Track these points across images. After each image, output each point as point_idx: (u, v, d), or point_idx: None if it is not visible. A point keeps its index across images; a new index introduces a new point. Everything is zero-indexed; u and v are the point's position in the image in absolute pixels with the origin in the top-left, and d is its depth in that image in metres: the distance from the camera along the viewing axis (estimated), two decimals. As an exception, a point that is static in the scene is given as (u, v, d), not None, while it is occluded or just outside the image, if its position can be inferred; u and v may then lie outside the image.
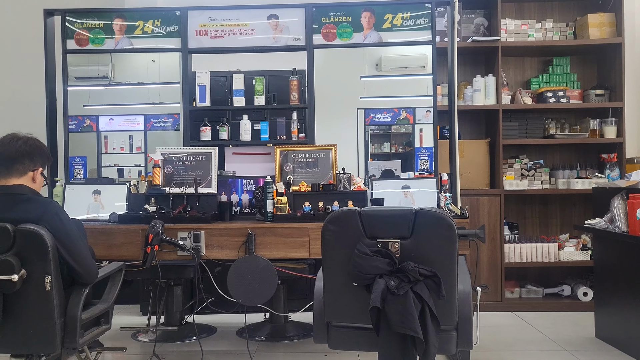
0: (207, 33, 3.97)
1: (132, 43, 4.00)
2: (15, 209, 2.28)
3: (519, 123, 4.78)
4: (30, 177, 2.41)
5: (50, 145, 3.88)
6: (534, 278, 4.88)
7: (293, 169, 3.69)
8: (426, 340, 2.10)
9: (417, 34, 3.90)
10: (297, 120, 3.95)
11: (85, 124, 4.33)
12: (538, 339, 3.85)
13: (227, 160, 4.05)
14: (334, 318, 2.36)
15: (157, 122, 4.44)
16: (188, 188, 3.54)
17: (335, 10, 3.91)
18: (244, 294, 3.13)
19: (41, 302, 2.23)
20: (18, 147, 2.38)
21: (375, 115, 4.44)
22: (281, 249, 3.22)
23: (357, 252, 2.18)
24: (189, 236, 3.21)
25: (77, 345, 2.36)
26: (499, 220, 4.55)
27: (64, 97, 4.04)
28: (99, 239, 3.21)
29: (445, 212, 2.32)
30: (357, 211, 2.24)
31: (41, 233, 2.19)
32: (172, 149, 3.72)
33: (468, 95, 4.76)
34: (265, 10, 3.95)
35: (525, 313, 4.49)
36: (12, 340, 2.29)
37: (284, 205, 3.37)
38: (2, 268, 2.15)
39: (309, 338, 3.75)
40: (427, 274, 2.13)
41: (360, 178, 3.65)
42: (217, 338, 3.92)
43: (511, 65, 5.02)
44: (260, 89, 3.95)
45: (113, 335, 3.82)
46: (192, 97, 3.96)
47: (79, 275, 2.37)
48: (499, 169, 4.65)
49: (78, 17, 4.01)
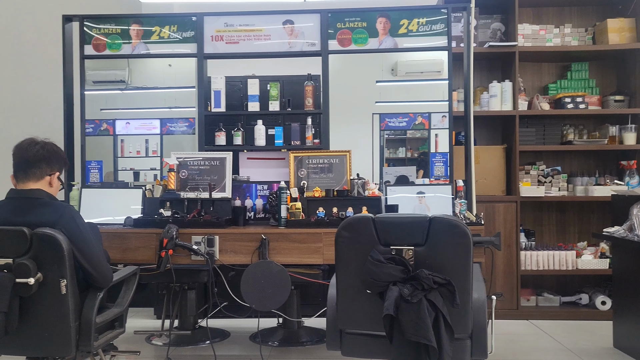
0: (222, 38, 3.99)
1: (148, 48, 4.03)
2: (32, 213, 2.30)
3: (536, 129, 4.73)
4: (47, 182, 2.44)
5: (67, 148, 3.93)
6: (550, 286, 4.83)
7: (307, 174, 3.69)
8: (440, 348, 2.08)
9: (433, 40, 3.89)
10: (312, 126, 3.95)
11: (102, 128, 4.37)
12: (555, 348, 3.80)
13: (242, 165, 4.06)
14: (347, 325, 2.35)
15: (172, 126, 4.47)
16: (202, 193, 3.55)
17: (350, 15, 3.90)
18: (257, 299, 3.13)
19: (57, 305, 2.25)
20: (36, 152, 2.41)
21: (390, 120, 4.42)
22: (295, 255, 3.22)
23: (371, 259, 2.16)
24: (203, 241, 3.22)
25: (92, 348, 2.38)
26: (515, 227, 4.51)
27: (81, 101, 4.08)
28: (114, 242, 3.23)
29: (459, 220, 2.30)
30: (371, 218, 2.23)
31: (57, 237, 2.21)
32: (187, 154, 3.74)
33: (484, 100, 4.72)
34: (281, 16, 3.96)
35: (541, 321, 4.44)
36: (28, 343, 2.32)
37: (298, 210, 3.37)
38: (19, 271, 2.18)
39: (322, 344, 3.73)
40: (441, 281, 2.11)
41: (375, 184, 3.64)
42: (230, 342, 3.92)
43: (528, 71, 4.98)
44: (275, 94, 3.95)
45: (127, 339, 3.85)
46: (207, 102, 3.98)
47: (94, 279, 2.39)
48: (515, 176, 4.61)
49: (96, 23, 4.05)
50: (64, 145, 3.91)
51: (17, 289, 2.18)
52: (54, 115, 4.25)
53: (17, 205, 2.34)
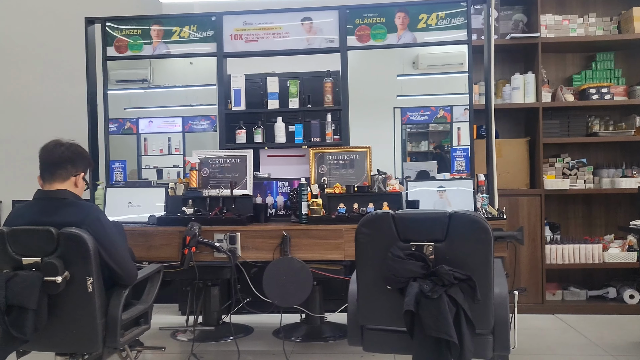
0: (241, 37, 4.01)
1: (169, 48, 4.08)
2: (59, 213, 2.36)
3: (560, 121, 4.66)
4: (73, 182, 2.49)
5: (91, 148, 4.00)
6: (577, 280, 4.76)
7: (328, 170, 3.70)
8: (461, 344, 2.07)
9: (453, 33, 3.86)
10: (332, 122, 3.95)
11: (126, 127, 4.43)
12: (581, 342, 3.76)
13: (262, 162, 4.09)
14: (368, 321, 2.36)
15: (194, 123, 4.51)
16: (224, 190, 3.58)
17: (368, 11, 3.89)
18: (280, 295, 3.15)
19: (84, 302, 2.30)
20: (61, 153, 2.46)
21: (412, 114, 4.40)
22: (316, 251, 3.23)
23: (391, 255, 2.17)
24: (225, 238, 3.25)
25: (118, 344, 2.42)
26: (539, 221, 4.46)
27: (105, 101, 4.15)
28: (138, 240, 3.28)
29: (480, 215, 2.28)
30: (391, 214, 2.23)
31: (83, 236, 2.26)
32: (209, 152, 3.78)
33: (507, 93, 4.67)
34: (299, 13, 3.97)
35: (567, 316, 4.39)
36: (57, 339, 2.38)
37: (319, 207, 3.38)
38: (47, 270, 2.23)
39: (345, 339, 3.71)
40: (462, 277, 2.10)
41: (396, 179, 3.63)
42: (253, 338, 3.96)
43: (552, 62, 4.91)
44: (295, 91, 3.97)
45: (152, 335, 3.90)
46: (227, 100, 4.01)
47: (119, 277, 2.44)
48: (539, 169, 4.56)
49: (117, 25, 4.11)
50: (88, 145, 3.98)
51: (45, 287, 2.23)
52: (78, 115, 4.33)
53: (44, 206, 2.40)
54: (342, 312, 3.69)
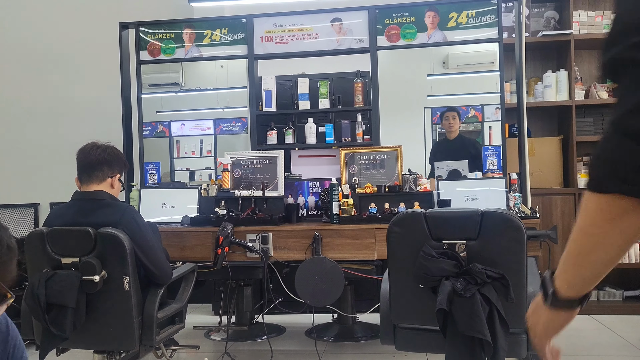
0: (272, 39, 4.05)
1: (200, 51, 4.14)
2: (96, 213, 2.42)
3: (594, 119, 4.58)
4: (109, 183, 2.55)
5: (126, 151, 4.08)
6: (613, 280, 4.66)
7: (358, 170, 3.70)
8: (495, 343, 2.06)
9: (483, 32, 3.82)
10: (362, 122, 3.96)
11: (159, 130, 4.50)
12: (618, 343, 3.68)
13: (293, 163, 4.11)
14: (400, 320, 2.36)
15: (225, 126, 4.56)
16: (256, 191, 3.62)
17: (398, 11, 3.89)
18: (312, 295, 3.16)
19: (120, 301, 2.36)
20: (97, 155, 2.52)
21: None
22: (347, 251, 3.24)
23: (423, 254, 2.16)
24: (258, 238, 3.28)
25: (154, 342, 2.47)
26: (573, 220, 4.37)
27: (139, 104, 4.23)
28: (172, 241, 3.33)
29: (512, 213, 2.27)
30: (422, 213, 2.23)
31: (120, 236, 2.32)
32: (240, 153, 3.82)
33: (539, 91, 4.61)
34: (329, 14, 3.99)
35: (603, 316, 4.30)
36: (95, 337, 2.44)
37: (350, 207, 3.39)
38: (85, 269, 2.29)
39: (377, 339, 3.72)
40: (495, 276, 2.09)
41: (427, 179, 3.62)
42: (286, 338, 3.99)
43: (585, 59, 4.83)
44: (325, 92, 3.98)
45: (187, 334, 3.96)
46: (258, 101, 4.04)
47: (154, 276, 2.49)
48: (572, 167, 4.48)
49: (150, 29, 4.19)
50: (123, 148, 4.06)
51: (83, 286, 2.29)
52: (113, 118, 4.42)
53: (82, 207, 2.46)
54: (374, 312, 3.70)
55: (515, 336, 2.23)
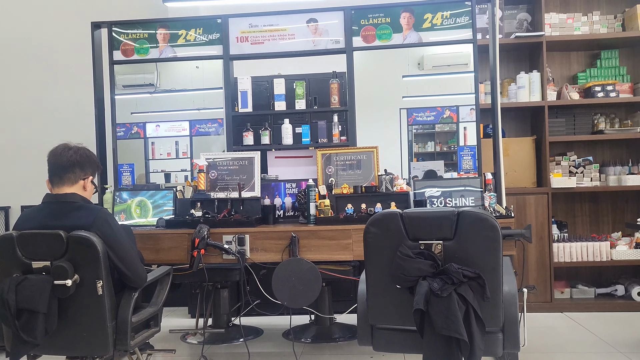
0: (247, 39, 4.03)
1: (175, 51, 4.09)
2: (68, 216, 2.37)
3: (566, 119, 4.66)
4: (82, 186, 2.50)
5: (99, 152, 4.02)
6: (585, 278, 4.75)
7: (335, 171, 3.71)
8: (471, 342, 2.07)
9: (458, 33, 3.86)
10: (338, 123, 3.96)
11: (133, 131, 4.44)
12: (591, 340, 3.74)
13: (270, 164, 4.10)
14: (377, 320, 2.36)
15: (201, 127, 4.52)
16: (232, 192, 3.60)
17: (374, 12, 3.90)
18: (289, 297, 3.15)
19: (94, 306, 2.31)
20: (69, 157, 2.47)
21: (418, 115, 4.39)
22: (324, 252, 3.23)
23: (400, 254, 2.17)
24: (234, 240, 3.26)
25: (129, 347, 2.43)
26: (547, 219, 4.45)
27: (112, 105, 4.17)
28: (147, 243, 3.29)
29: (488, 213, 2.28)
30: (399, 213, 2.23)
31: (92, 239, 2.27)
32: (216, 155, 3.79)
33: (512, 92, 4.67)
34: (305, 15, 3.98)
35: (576, 314, 4.38)
36: (68, 343, 2.38)
37: (327, 207, 3.38)
38: (56, 273, 2.24)
39: (355, 340, 3.75)
40: (471, 275, 2.11)
41: (403, 179, 3.63)
42: (263, 340, 3.97)
43: (556, 61, 4.90)
44: (301, 93, 3.98)
45: (163, 337, 3.92)
46: (234, 102, 4.02)
47: (128, 280, 2.45)
48: (545, 167, 4.55)
49: (124, 29, 4.13)
50: (96, 149, 4.00)
51: (55, 291, 2.24)
52: (86, 119, 4.35)
53: (53, 209, 2.41)
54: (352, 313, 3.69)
55: (492, 335, 2.25)
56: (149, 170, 4.70)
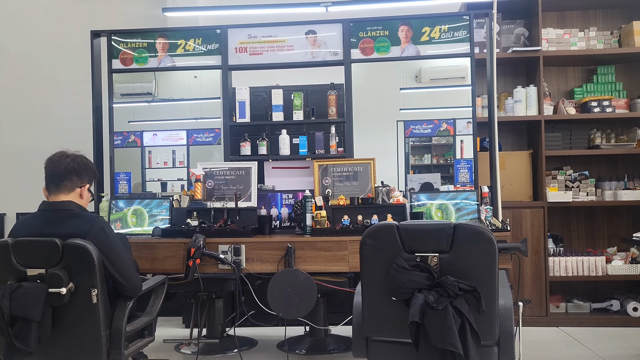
0: (246, 50, 4.04)
1: (174, 61, 4.11)
2: (64, 224, 2.36)
3: (562, 134, 4.68)
4: (78, 194, 2.50)
5: (96, 160, 4.01)
6: (580, 292, 4.75)
7: (332, 182, 3.71)
8: (466, 355, 2.07)
9: (456, 46, 3.89)
10: (336, 134, 3.97)
11: (130, 140, 4.45)
12: (585, 355, 3.74)
13: (267, 174, 4.10)
14: (373, 332, 2.35)
15: (199, 136, 4.53)
16: (228, 202, 3.59)
17: (372, 24, 3.93)
18: (284, 307, 3.15)
19: (88, 314, 2.30)
20: (66, 165, 2.47)
21: (415, 127, 4.41)
22: (320, 263, 3.23)
23: (396, 267, 2.17)
24: (230, 250, 3.25)
25: (122, 356, 2.41)
26: (542, 233, 4.46)
27: (110, 114, 4.17)
28: (142, 252, 3.29)
29: (484, 226, 2.29)
30: (395, 225, 2.24)
31: (88, 247, 2.26)
32: (213, 164, 3.79)
33: (509, 106, 4.69)
34: (303, 26, 4.01)
35: (571, 328, 4.37)
36: (61, 351, 2.37)
37: (323, 219, 3.39)
38: (51, 281, 2.23)
39: (350, 351, 3.73)
40: (467, 288, 2.11)
41: (399, 191, 3.64)
42: (257, 351, 3.95)
43: (553, 75, 4.93)
44: (299, 104, 3.99)
45: (157, 347, 3.90)
46: (232, 112, 4.03)
47: (123, 289, 2.44)
48: (542, 181, 4.56)
49: (123, 38, 4.15)
50: (93, 158, 4.00)
51: (49, 299, 2.23)
52: (83, 127, 4.35)
53: (49, 217, 2.40)
54: (347, 324, 3.68)
55: (487, 349, 2.24)
56: (145, 179, 4.70)
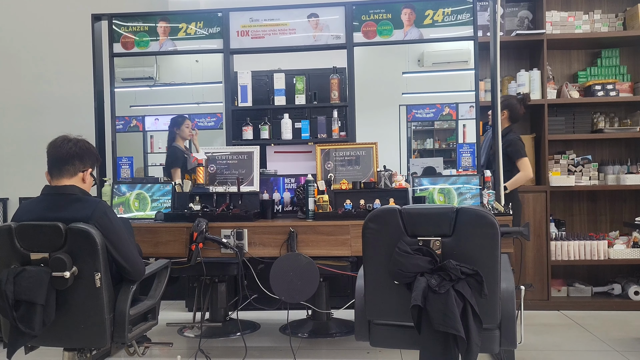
0: (248, 33, 4.01)
1: (175, 45, 4.08)
2: (67, 208, 2.37)
3: (566, 118, 4.66)
4: (81, 178, 2.50)
5: (98, 145, 4.00)
6: (582, 276, 4.76)
7: (334, 167, 3.70)
8: (468, 338, 2.08)
9: (459, 30, 3.85)
10: (338, 118, 3.96)
11: (132, 124, 4.43)
12: (587, 338, 3.76)
13: (269, 158, 4.10)
14: (375, 316, 2.36)
15: (200, 121, 4.52)
16: (231, 187, 3.59)
17: (375, 7, 3.89)
18: (286, 291, 3.16)
19: (91, 298, 2.31)
20: (69, 149, 2.47)
21: (417, 112, 4.38)
22: (322, 247, 3.23)
23: (398, 250, 2.17)
24: (232, 234, 3.26)
25: (126, 339, 2.43)
26: (545, 217, 4.46)
27: (111, 98, 4.15)
28: (145, 236, 3.29)
29: (487, 210, 2.29)
30: (398, 209, 2.23)
31: (91, 232, 2.27)
32: (215, 149, 3.78)
33: (512, 90, 4.67)
34: (306, 10, 3.97)
35: (573, 312, 4.39)
36: (65, 334, 2.38)
37: (325, 203, 3.39)
38: (55, 265, 2.24)
39: (352, 335, 3.76)
40: (469, 272, 2.11)
41: (402, 175, 3.63)
42: (260, 334, 3.97)
43: (557, 59, 4.90)
44: (301, 88, 3.97)
45: (160, 331, 3.93)
46: (234, 96, 4.01)
47: (126, 272, 2.45)
48: (544, 165, 4.56)
49: (124, 21, 4.11)
50: (95, 142, 3.99)
51: (53, 283, 2.24)
52: (85, 112, 4.34)
53: (52, 201, 2.41)
54: (349, 308, 3.70)
55: (489, 332, 2.26)
56: (147, 163, 4.70)
